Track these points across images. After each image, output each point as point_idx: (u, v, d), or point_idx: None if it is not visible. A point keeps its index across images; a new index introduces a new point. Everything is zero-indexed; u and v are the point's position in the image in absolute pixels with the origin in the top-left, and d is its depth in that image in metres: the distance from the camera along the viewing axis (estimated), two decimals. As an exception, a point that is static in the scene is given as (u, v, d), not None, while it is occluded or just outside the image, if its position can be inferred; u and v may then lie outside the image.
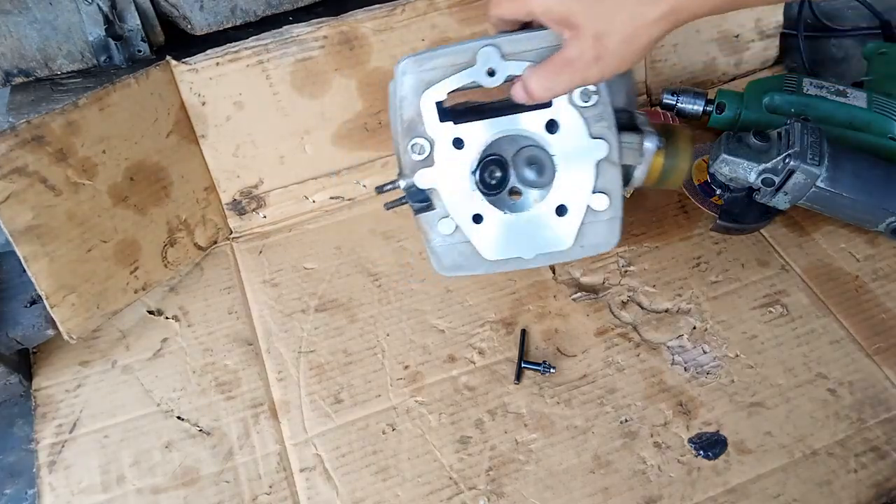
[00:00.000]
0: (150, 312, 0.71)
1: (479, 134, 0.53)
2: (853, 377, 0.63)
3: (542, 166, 0.54)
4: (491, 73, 0.50)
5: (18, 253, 0.61)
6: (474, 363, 0.66)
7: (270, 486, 0.60)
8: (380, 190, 0.58)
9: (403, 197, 0.56)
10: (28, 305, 0.66)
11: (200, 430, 0.63)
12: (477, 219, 0.55)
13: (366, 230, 0.78)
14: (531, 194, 0.56)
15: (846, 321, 0.67)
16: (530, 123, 0.52)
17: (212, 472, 0.61)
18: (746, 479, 0.58)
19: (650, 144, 0.54)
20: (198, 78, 0.70)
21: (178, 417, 0.64)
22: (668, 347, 0.67)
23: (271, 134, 0.75)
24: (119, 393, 0.66)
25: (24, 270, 0.62)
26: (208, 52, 0.70)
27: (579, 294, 0.71)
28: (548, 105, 0.52)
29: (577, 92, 0.51)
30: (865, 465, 0.58)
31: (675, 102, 0.81)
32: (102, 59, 0.84)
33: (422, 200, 0.55)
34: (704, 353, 0.66)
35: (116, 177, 0.67)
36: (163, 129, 0.70)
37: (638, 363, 0.66)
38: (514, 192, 0.56)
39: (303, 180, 0.79)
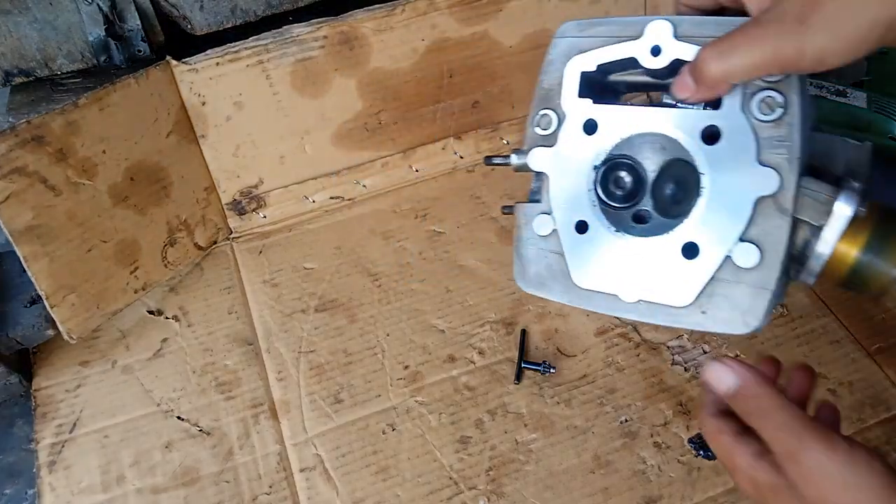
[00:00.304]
0: (150, 312, 0.71)
1: (618, 123, 0.43)
2: (853, 377, 0.63)
3: (686, 188, 0.41)
4: (655, 52, 0.41)
5: (18, 253, 0.61)
6: (474, 363, 0.66)
7: (270, 486, 0.60)
8: (488, 161, 0.50)
9: (507, 158, 0.48)
10: (28, 305, 0.66)
11: (200, 430, 0.63)
12: (581, 227, 0.44)
13: (366, 230, 0.78)
14: (658, 220, 0.43)
15: (846, 321, 0.67)
16: (684, 125, 0.41)
17: (212, 472, 0.61)
18: (746, 479, 0.58)
19: (846, 204, 0.37)
20: (198, 78, 0.70)
21: (178, 417, 0.64)
22: (668, 347, 0.67)
23: (271, 134, 0.75)
24: (119, 393, 0.66)
25: (24, 270, 0.62)
26: (208, 52, 0.70)
27: (579, 294, 0.71)
28: (715, 105, 0.40)
29: (756, 100, 0.39)
30: (865, 465, 0.58)
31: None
32: (102, 59, 0.84)
33: (535, 193, 0.46)
34: (704, 353, 0.66)
35: (116, 177, 0.67)
36: (163, 129, 0.70)
37: (638, 363, 0.66)
38: (640, 215, 0.44)
39: (303, 180, 0.79)
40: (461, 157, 0.84)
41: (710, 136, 0.40)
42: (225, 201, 0.77)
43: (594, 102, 0.44)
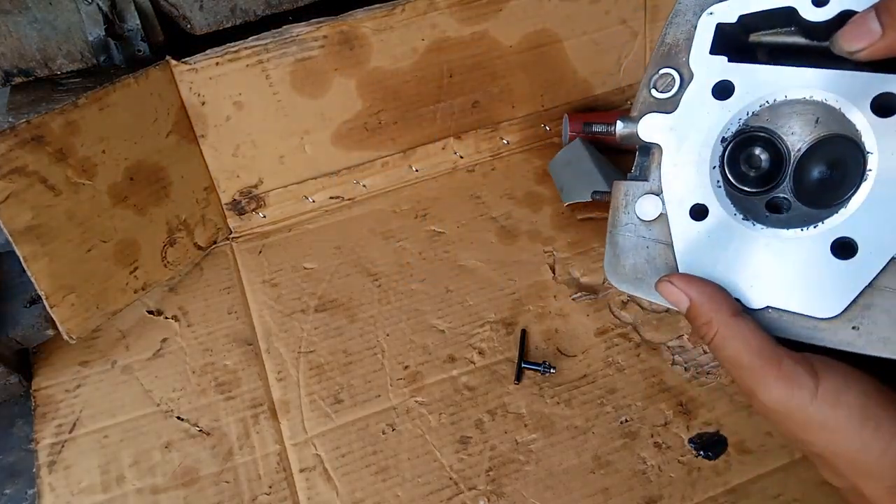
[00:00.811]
0: (150, 312, 0.71)
1: (760, 86, 0.35)
2: (854, 377, 0.63)
3: (844, 171, 0.34)
4: (819, 2, 0.33)
5: (18, 253, 0.61)
6: (474, 363, 0.66)
7: (270, 487, 0.60)
8: (587, 128, 0.44)
9: (609, 126, 0.40)
10: (28, 305, 0.66)
11: (200, 431, 0.63)
12: (698, 213, 0.36)
13: (366, 230, 0.78)
14: (799, 210, 0.35)
15: None
16: (851, 90, 0.33)
17: (211, 473, 0.61)
18: (747, 479, 0.58)
19: None
20: (197, 78, 0.70)
21: (178, 417, 0.64)
22: (668, 347, 0.66)
23: (271, 134, 0.75)
24: (119, 393, 0.66)
25: (24, 270, 0.62)
26: (208, 51, 0.70)
27: (579, 294, 0.71)
28: (893, 68, 0.32)
29: None
30: (866, 465, 0.58)
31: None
32: (102, 58, 0.84)
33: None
34: (705, 352, 0.66)
35: (116, 177, 0.67)
36: (162, 128, 0.70)
37: (638, 363, 0.65)
38: (776, 203, 0.36)
39: (302, 180, 0.79)
40: (461, 157, 0.84)
41: (886, 106, 0.32)
42: (225, 201, 0.77)
43: (729, 61, 0.36)
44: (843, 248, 0.33)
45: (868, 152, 0.32)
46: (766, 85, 0.35)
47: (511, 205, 0.79)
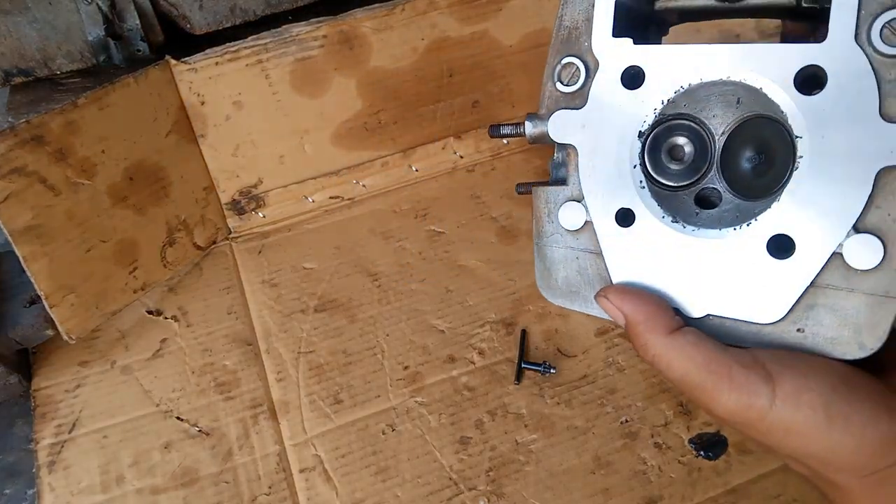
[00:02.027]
0: (150, 312, 0.71)
1: (671, 69, 0.31)
2: None
3: (773, 157, 0.31)
4: None
5: (18, 253, 0.61)
6: (474, 363, 0.66)
7: (270, 487, 0.60)
8: (494, 131, 0.39)
9: (518, 127, 0.36)
10: (27, 305, 0.66)
11: (200, 431, 0.63)
12: (624, 217, 0.34)
13: (365, 230, 0.78)
14: (731, 204, 0.32)
15: None
16: (770, 66, 0.29)
17: (211, 473, 0.60)
18: (747, 479, 0.58)
19: None
20: (197, 77, 0.70)
21: (178, 418, 0.64)
22: (668, 347, 0.66)
23: (271, 133, 0.75)
24: (118, 393, 0.65)
25: (24, 270, 0.62)
26: (207, 51, 0.70)
27: (579, 294, 0.71)
28: (815, 38, 0.28)
29: (878, 24, 0.27)
30: (866, 465, 0.58)
31: None
32: (102, 58, 0.84)
33: (559, 168, 0.36)
34: (705, 353, 0.66)
35: (116, 177, 0.67)
36: (162, 128, 0.70)
37: (638, 363, 0.65)
38: (705, 196, 0.33)
39: (302, 180, 0.79)
40: (461, 157, 0.83)
41: (810, 81, 0.29)
42: (224, 201, 0.77)
43: (635, 43, 0.32)
44: (780, 246, 0.30)
45: (797, 136, 0.29)
46: (678, 68, 0.31)
47: (511, 205, 0.79)
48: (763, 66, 0.29)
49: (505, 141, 0.84)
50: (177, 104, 0.71)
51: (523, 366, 0.65)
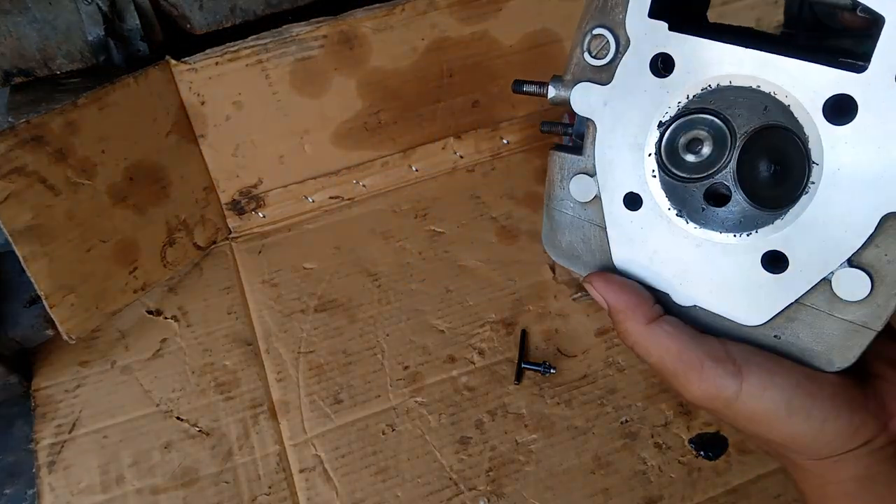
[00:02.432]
0: (150, 312, 0.71)
1: (701, 65, 0.31)
2: (854, 377, 0.63)
3: (787, 173, 0.31)
4: None
5: (18, 253, 0.61)
6: (474, 363, 0.66)
7: (270, 487, 0.60)
8: (517, 87, 0.38)
9: (542, 86, 0.36)
10: (27, 305, 0.66)
11: (200, 431, 0.63)
12: (632, 202, 0.34)
13: (366, 230, 0.78)
14: (737, 206, 0.32)
15: None
16: (803, 84, 0.28)
17: (211, 473, 0.60)
18: (747, 479, 0.58)
19: None
20: (197, 77, 0.70)
21: (178, 418, 0.64)
22: (668, 347, 0.66)
23: (271, 133, 0.75)
24: (118, 393, 0.65)
25: (24, 270, 0.62)
26: (207, 51, 0.70)
27: (580, 294, 0.71)
28: (856, 67, 0.27)
29: None
30: (866, 465, 0.58)
31: None
32: (102, 58, 0.84)
33: (568, 130, 0.37)
34: (705, 353, 0.66)
35: (116, 176, 0.67)
36: (162, 128, 0.70)
37: (638, 363, 0.65)
38: (715, 191, 0.33)
39: (302, 180, 0.79)
40: (461, 157, 0.83)
41: (839, 108, 0.28)
42: (224, 201, 0.77)
43: (670, 29, 0.31)
44: (774, 262, 0.31)
45: (814, 163, 0.29)
46: (709, 65, 0.30)
47: (511, 205, 0.79)
48: (795, 84, 0.29)
49: (504, 140, 0.84)
50: (177, 104, 0.71)
51: (523, 366, 0.65)
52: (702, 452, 0.60)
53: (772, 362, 0.33)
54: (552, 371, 0.64)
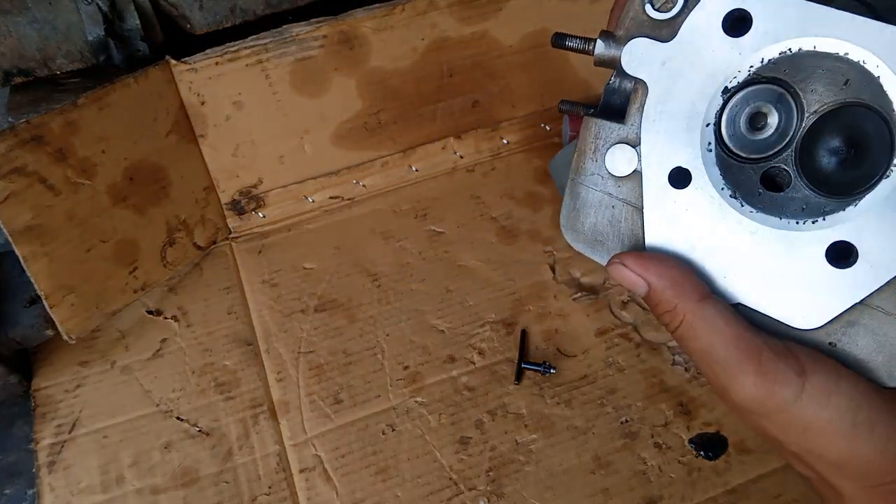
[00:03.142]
0: (150, 312, 0.71)
1: (783, 26, 0.27)
2: (854, 377, 0.63)
3: (863, 157, 0.28)
4: None
5: (18, 253, 0.61)
6: (474, 363, 0.66)
7: (270, 487, 0.60)
8: (559, 40, 0.32)
9: (586, 42, 0.31)
10: (27, 305, 0.66)
11: (200, 431, 0.63)
12: (679, 178, 0.30)
13: (365, 230, 0.78)
14: (799, 193, 0.29)
15: None
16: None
17: (211, 473, 0.60)
18: (747, 479, 0.58)
19: None
20: (197, 77, 0.70)
21: (178, 418, 0.64)
22: (668, 348, 0.66)
23: (271, 133, 0.75)
24: (118, 393, 0.65)
25: (24, 270, 0.61)
26: (207, 51, 0.70)
27: (580, 294, 0.71)
28: None
29: None
30: (866, 465, 0.58)
31: None
32: (102, 58, 0.84)
33: (613, 95, 0.32)
34: (705, 353, 0.66)
35: (115, 177, 0.67)
36: (162, 128, 0.70)
37: (638, 363, 0.65)
38: (772, 175, 0.30)
39: (302, 180, 0.79)
40: (461, 157, 0.83)
41: None
42: (224, 201, 0.77)
43: None
44: (841, 254, 0.27)
45: None
46: (792, 26, 0.27)
47: (511, 205, 0.79)
48: (891, 53, 0.26)
49: (504, 140, 0.84)
50: (177, 104, 0.71)
51: (523, 366, 0.65)
52: (702, 452, 0.60)
53: (838, 367, 0.28)
54: (552, 371, 0.64)
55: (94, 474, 0.61)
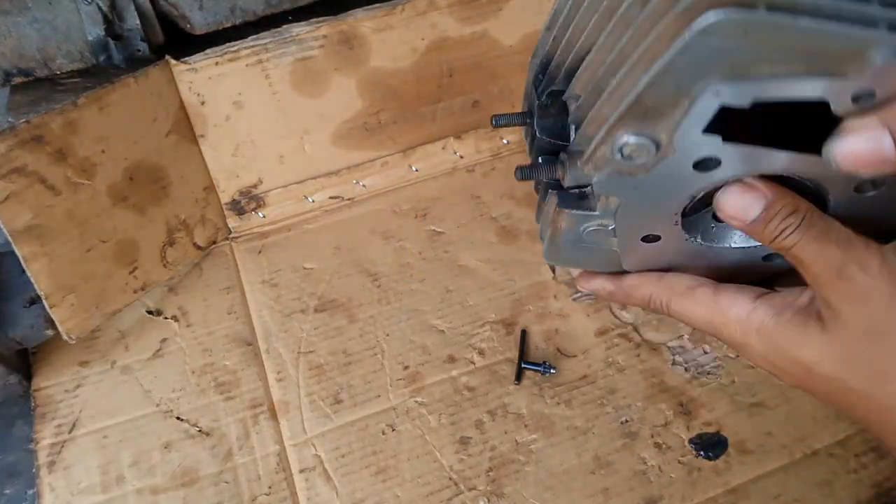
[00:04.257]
0: (150, 312, 0.71)
1: (750, 164, 0.32)
2: None
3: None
4: (857, 99, 0.27)
5: (18, 253, 0.61)
6: (474, 363, 0.66)
7: (270, 487, 0.60)
8: (521, 174, 0.37)
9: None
10: (27, 305, 0.66)
11: (200, 431, 0.63)
12: (650, 239, 0.38)
13: (365, 230, 0.78)
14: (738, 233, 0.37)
15: (847, 321, 0.67)
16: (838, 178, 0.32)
17: (211, 473, 0.60)
18: (747, 479, 0.58)
19: None
20: (197, 77, 0.70)
21: (178, 418, 0.64)
22: (668, 348, 0.66)
23: (271, 133, 0.75)
24: (118, 393, 0.65)
25: (24, 270, 0.62)
26: (207, 51, 0.70)
27: (579, 294, 0.71)
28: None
29: None
30: (866, 465, 0.58)
31: None
32: (102, 58, 0.84)
33: (526, 120, 0.40)
34: (705, 353, 0.66)
35: (116, 177, 0.67)
36: (162, 128, 0.70)
37: (638, 363, 0.65)
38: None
39: (302, 180, 0.79)
40: (461, 157, 0.83)
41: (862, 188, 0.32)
42: (224, 201, 0.77)
43: (725, 140, 0.30)
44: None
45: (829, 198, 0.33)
46: (757, 164, 0.31)
47: (511, 205, 0.79)
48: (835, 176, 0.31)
49: (504, 140, 0.84)
50: (177, 104, 0.71)
51: (523, 366, 0.65)
52: (702, 452, 0.60)
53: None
54: (552, 371, 0.64)
55: (94, 474, 0.61)
